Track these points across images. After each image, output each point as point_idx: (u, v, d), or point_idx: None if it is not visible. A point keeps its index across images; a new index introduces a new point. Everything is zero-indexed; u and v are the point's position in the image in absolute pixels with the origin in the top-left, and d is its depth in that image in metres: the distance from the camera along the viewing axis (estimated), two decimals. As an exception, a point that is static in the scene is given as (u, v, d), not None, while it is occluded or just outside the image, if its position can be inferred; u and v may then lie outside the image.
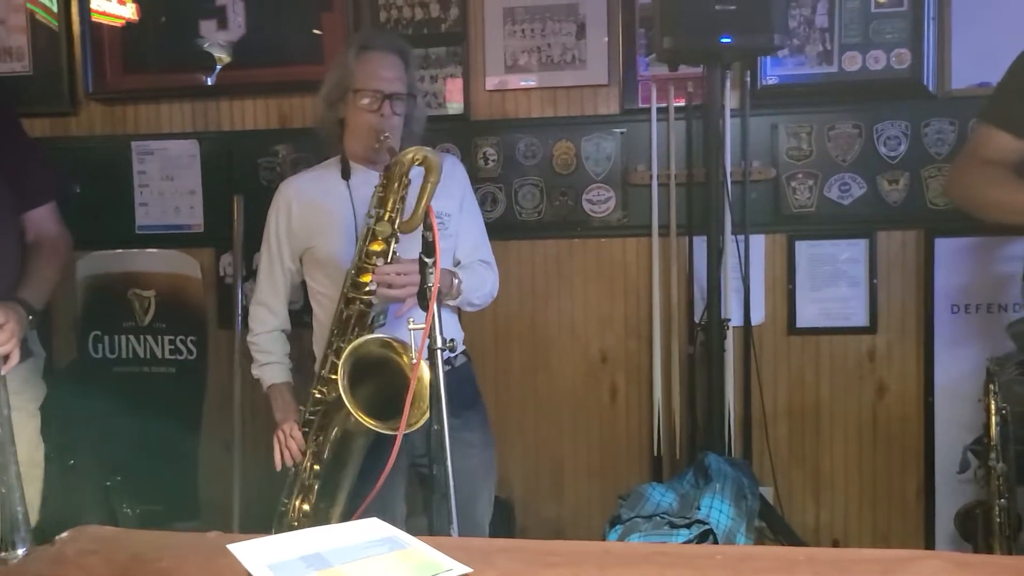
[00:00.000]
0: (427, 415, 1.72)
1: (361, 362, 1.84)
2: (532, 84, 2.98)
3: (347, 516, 2.04)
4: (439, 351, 1.63)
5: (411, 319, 1.68)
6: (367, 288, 1.91)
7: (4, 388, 1.76)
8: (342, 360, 1.82)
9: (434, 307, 1.60)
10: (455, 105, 3.01)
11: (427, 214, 1.61)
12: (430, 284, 1.66)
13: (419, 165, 1.70)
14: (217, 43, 3.14)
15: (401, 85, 2.06)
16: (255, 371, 2.22)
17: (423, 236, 1.67)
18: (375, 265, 1.90)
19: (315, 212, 2.12)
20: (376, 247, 1.89)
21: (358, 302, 1.92)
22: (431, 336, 1.61)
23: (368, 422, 1.81)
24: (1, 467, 1.76)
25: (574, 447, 3.06)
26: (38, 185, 2.10)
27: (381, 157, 2.04)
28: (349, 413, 1.80)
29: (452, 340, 1.67)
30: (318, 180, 2.17)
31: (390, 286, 1.89)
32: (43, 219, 2.09)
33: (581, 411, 3.04)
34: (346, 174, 2.11)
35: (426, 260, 1.67)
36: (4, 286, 1.88)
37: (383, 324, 1.95)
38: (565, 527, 3.03)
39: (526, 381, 3.06)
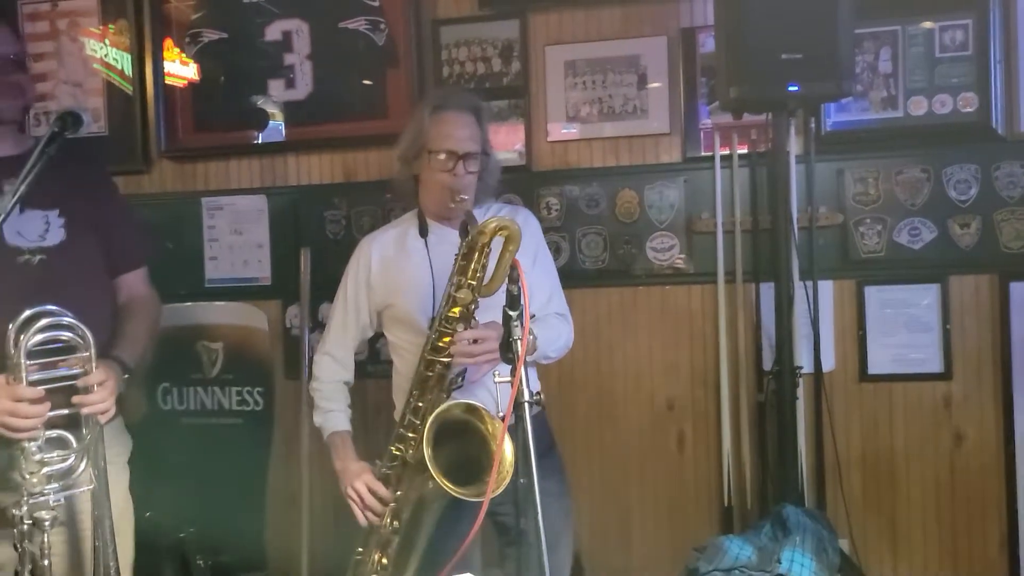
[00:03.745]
0: (508, 480, 1.73)
1: (443, 426, 1.85)
2: (594, 135, 3.01)
3: (424, 569, 2.03)
4: (526, 404, 1.63)
5: (497, 371, 1.69)
6: (446, 352, 1.93)
7: (103, 443, 1.80)
8: (427, 427, 1.82)
9: (523, 361, 1.60)
10: (517, 156, 3.05)
11: (514, 267, 1.63)
12: (514, 337, 1.67)
13: (500, 235, 1.72)
14: (284, 101, 3.23)
15: (474, 144, 2.09)
16: (317, 418, 2.24)
17: (508, 290, 1.68)
18: (455, 330, 1.92)
19: (395, 270, 2.16)
20: (456, 312, 1.92)
21: (437, 364, 1.95)
22: (518, 390, 1.62)
23: (452, 489, 1.80)
24: (97, 520, 1.79)
25: (641, 497, 3.02)
26: (132, 250, 2.15)
27: (456, 216, 2.07)
28: (430, 478, 1.80)
29: (539, 393, 1.68)
30: (397, 238, 2.21)
31: (468, 355, 1.90)
32: (135, 283, 2.14)
33: (648, 460, 3.00)
34: (423, 232, 2.15)
35: (510, 313, 1.68)
36: (98, 347, 1.91)
37: (460, 386, 1.96)
38: (634, 579, 2.98)
39: (591, 430, 3.03)
